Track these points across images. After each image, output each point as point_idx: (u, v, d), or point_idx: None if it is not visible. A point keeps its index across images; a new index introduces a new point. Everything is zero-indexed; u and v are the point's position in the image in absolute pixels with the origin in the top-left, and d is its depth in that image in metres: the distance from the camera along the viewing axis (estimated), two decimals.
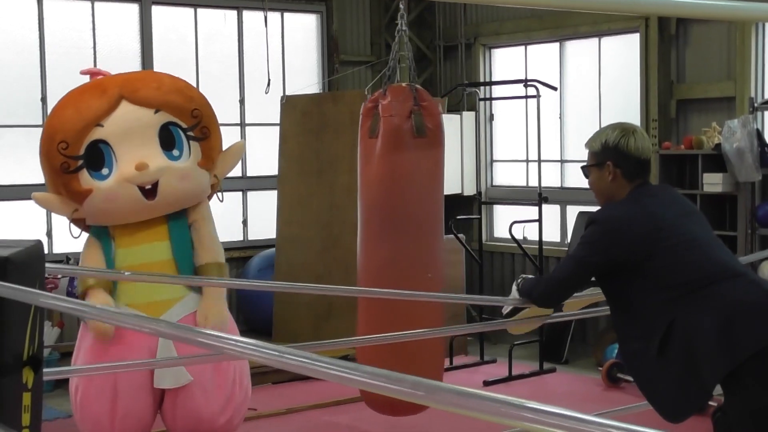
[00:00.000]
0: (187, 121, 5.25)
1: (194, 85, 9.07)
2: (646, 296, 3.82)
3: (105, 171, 5.15)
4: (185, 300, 5.26)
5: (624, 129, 4.05)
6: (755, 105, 7.65)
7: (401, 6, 5.29)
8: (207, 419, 5.24)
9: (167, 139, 5.23)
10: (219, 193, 5.56)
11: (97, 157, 5.15)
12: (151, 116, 5.19)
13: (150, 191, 5.18)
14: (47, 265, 2.97)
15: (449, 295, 4.91)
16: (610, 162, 3.98)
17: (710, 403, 5.59)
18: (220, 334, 2.02)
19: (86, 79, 5.59)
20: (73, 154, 5.09)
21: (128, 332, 4.97)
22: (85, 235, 5.50)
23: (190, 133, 5.26)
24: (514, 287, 4.27)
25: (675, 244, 3.83)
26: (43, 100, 8.57)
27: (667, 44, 8.45)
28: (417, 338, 4.71)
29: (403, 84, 5.23)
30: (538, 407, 1.50)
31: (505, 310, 4.33)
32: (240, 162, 9.59)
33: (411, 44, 5.47)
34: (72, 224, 5.42)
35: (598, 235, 3.92)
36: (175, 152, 5.23)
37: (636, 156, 3.98)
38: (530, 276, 4.38)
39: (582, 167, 4.15)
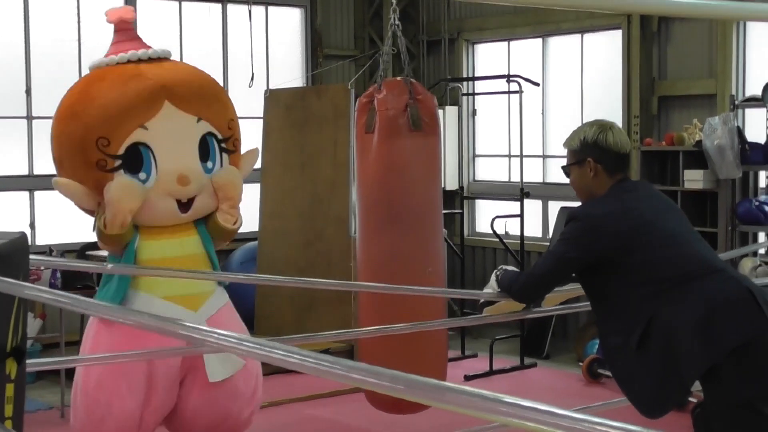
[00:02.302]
0: (223, 132, 5.07)
1: None
2: (626, 292, 3.85)
3: (142, 175, 4.89)
4: (216, 293, 5.16)
5: (601, 125, 4.09)
6: (736, 102, 7.70)
7: (393, 1, 5.28)
8: (234, 415, 5.11)
9: (204, 150, 5.03)
10: None
11: (137, 159, 4.89)
12: (193, 125, 4.98)
13: (185, 205, 5.01)
14: (31, 257, 2.98)
15: (426, 289, 4.92)
16: (590, 158, 4.00)
17: (690, 399, 5.65)
18: (202, 327, 2.02)
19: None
20: (112, 153, 4.82)
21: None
22: None
23: (224, 145, 5.09)
24: (493, 277, 4.30)
25: (654, 240, 3.86)
26: (28, 92, 8.56)
27: (649, 41, 8.50)
28: (400, 332, 4.72)
29: (398, 78, 5.24)
30: (516, 402, 1.52)
31: (482, 299, 4.36)
32: None
33: (391, 39, 5.44)
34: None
35: (578, 232, 3.95)
36: (209, 164, 5.04)
37: (615, 150, 4.01)
38: (511, 268, 4.40)
39: (562, 167, 4.17)
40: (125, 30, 5.18)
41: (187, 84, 5.04)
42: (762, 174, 7.76)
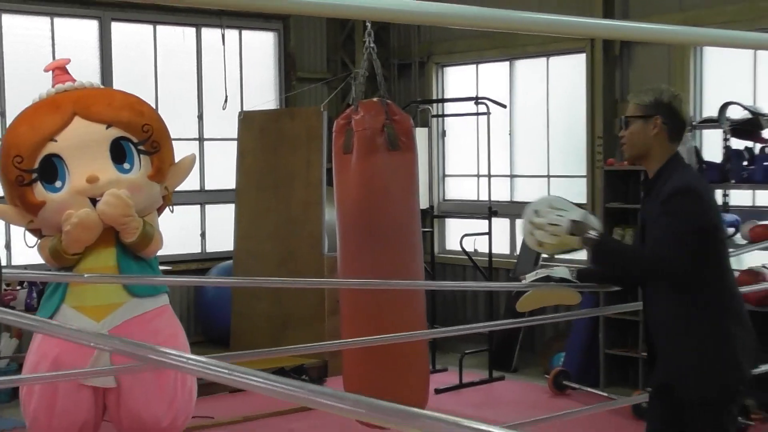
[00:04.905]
0: (138, 136, 5.41)
1: (153, 100, 9.23)
2: (712, 277, 3.88)
3: (58, 184, 5.31)
4: (127, 305, 5.38)
5: (677, 92, 4.07)
6: (693, 123, 7.92)
7: (368, 24, 5.37)
8: (150, 421, 5.33)
9: (118, 153, 5.39)
10: (170, 206, 5.72)
11: (51, 170, 5.32)
12: (102, 131, 5.36)
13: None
14: (5, 271, 3.09)
15: (453, 283, 5.07)
16: (659, 117, 3.95)
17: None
18: (167, 350, 2.04)
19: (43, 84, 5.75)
20: (27, 168, 5.27)
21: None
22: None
23: (141, 147, 5.41)
24: (539, 273, 4.20)
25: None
26: (2, 114, 8.66)
27: (611, 64, 8.74)
28: (374, 344, 4.81)
29: (374, 99, 5.33)
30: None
31: (528, 278, 4.22)
32: (198, 175, 9.77)
33: (367, 61, 5.51)
34: (28, 233, 5.57)
35: (692, 205, 3.86)
36: (126, 165, 5.39)
37: (682, 119, 4.01)
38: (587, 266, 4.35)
39: (625, 117, 4.07)
40: (60, 74, 5.65)
41: (94, 97, 5.49)
42: (719, 192, 7.97)
